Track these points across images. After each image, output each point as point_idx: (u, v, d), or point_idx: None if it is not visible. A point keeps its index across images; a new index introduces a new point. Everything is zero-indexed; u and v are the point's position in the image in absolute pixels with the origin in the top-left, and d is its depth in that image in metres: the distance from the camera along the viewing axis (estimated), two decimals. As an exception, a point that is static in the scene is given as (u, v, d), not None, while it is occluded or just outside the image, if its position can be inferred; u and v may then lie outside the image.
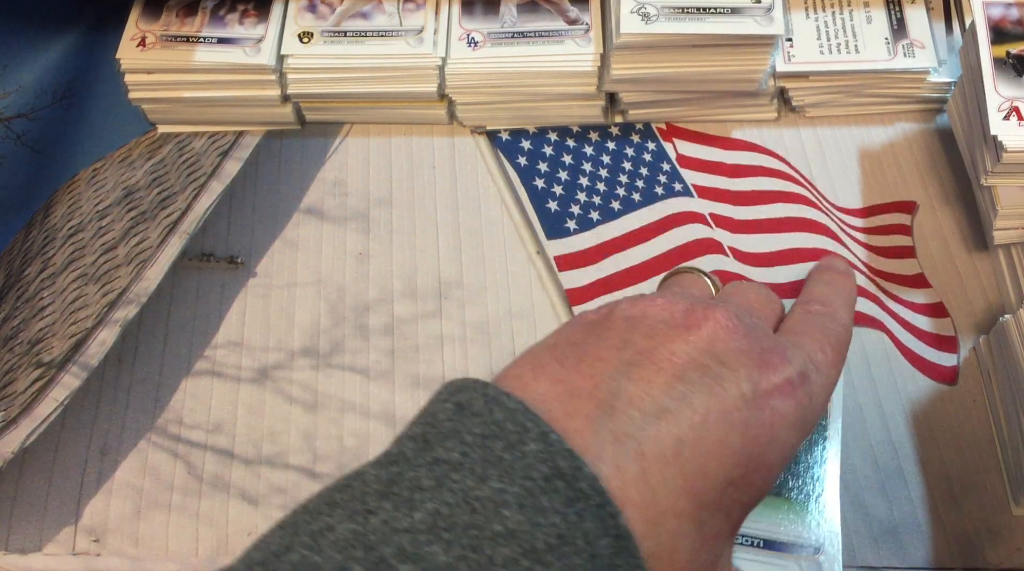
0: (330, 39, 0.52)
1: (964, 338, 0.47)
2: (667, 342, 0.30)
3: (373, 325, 0.48)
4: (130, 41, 0.52)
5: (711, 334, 0.30)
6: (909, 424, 0.44)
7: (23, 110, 0.55)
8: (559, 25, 0.52)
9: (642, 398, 0.28)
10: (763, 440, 0.29)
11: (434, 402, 0.28)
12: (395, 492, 0.25)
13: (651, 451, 0.27)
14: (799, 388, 0.30)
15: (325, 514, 0.25)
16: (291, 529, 0.25)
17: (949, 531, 0.42)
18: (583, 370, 0.29)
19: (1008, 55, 0.46)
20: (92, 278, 0.50)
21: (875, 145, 0.53)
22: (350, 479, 0.26)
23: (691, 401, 0.28)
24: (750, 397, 0.29)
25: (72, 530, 0.43)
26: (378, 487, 0.26)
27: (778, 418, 0.29)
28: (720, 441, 0.28)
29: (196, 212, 0.52)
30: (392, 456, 0.26)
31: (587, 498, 0.25)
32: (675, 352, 0.29)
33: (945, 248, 0.49)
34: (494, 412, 0.26)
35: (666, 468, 0.27)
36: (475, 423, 0.26)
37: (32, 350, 0.47)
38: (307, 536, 0.24)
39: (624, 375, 0.28)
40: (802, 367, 0.31)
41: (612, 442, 0.27)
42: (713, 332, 0.30)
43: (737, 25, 0.48)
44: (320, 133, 0.54)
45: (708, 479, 0.27)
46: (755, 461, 0.29)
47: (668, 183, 0.52)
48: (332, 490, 0.26)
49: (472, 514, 0.24)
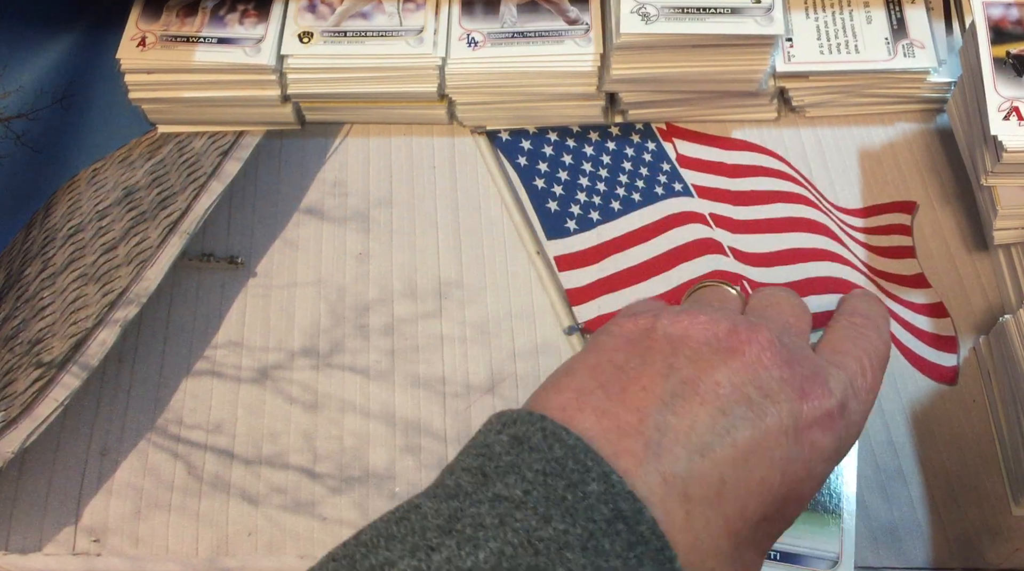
0: (330, 39, 0.52)
1: (964, 338, 0.47)
2: (711, 370, 0.29)
3: (373, 325, 0.48)
4: (130, 41, 0.52)
5: (754, 359, 0.30)
6: (909, 424, 0.44)
7: (23, 110, 0.55)
8: (559, 25, 0.52)
9: (687, 434, 0.27)
10: (801, 475, 0.29)
11: (486, 433, 0.27)
12: (457, 529, 0.25)
13: (696, 494, 0.27)
14: (838, 420, 0.30)
15: (383, 548, 0.24)
16: (346, 563, 0.24)
17: (949, 531, 0.42)
18: (628, 402, 0.28)
19: (1008, 55, 0.46)
20: (92, 278, 0.50)
21: (875, 145, 0.53)
22: (406, 511, 0.25)
23: (734, 437, 0.28)
24: (791, 431, 0.28)
25: (72, 530, 0.43)
26: (439, 522, 0.25)
27: (817, 452, 0.29)
28: (761, 480, 0.28)
29: (196, 212, 0.52)
30: (450, 490, 0.26)
31: (647, 542, 0.25)
32: (720, 382, 0.29)
33: (945, 248, 0.49)
34: (554, 448, 0.26)
35: (709, 510, 0.27)
36: (535, 459, 0.26)
37: (32, 350, 0.47)
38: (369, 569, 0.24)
39: (669, 409, 0.28)
40: (842, 396, 0.30)
41: (660, 483, 0.26)
42: (756, 357, 0.30)
43: (737, 25, 0.48)
44: (320, 133, 0.54)
45: (747, 518, 0.27)
46: (792, 496, 0.29)
47: (668, 183, 0.52)
48: (388, 522, 0.25)
49: (536, 555, 0.24)
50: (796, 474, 0.28)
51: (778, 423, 0.28)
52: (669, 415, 0.28)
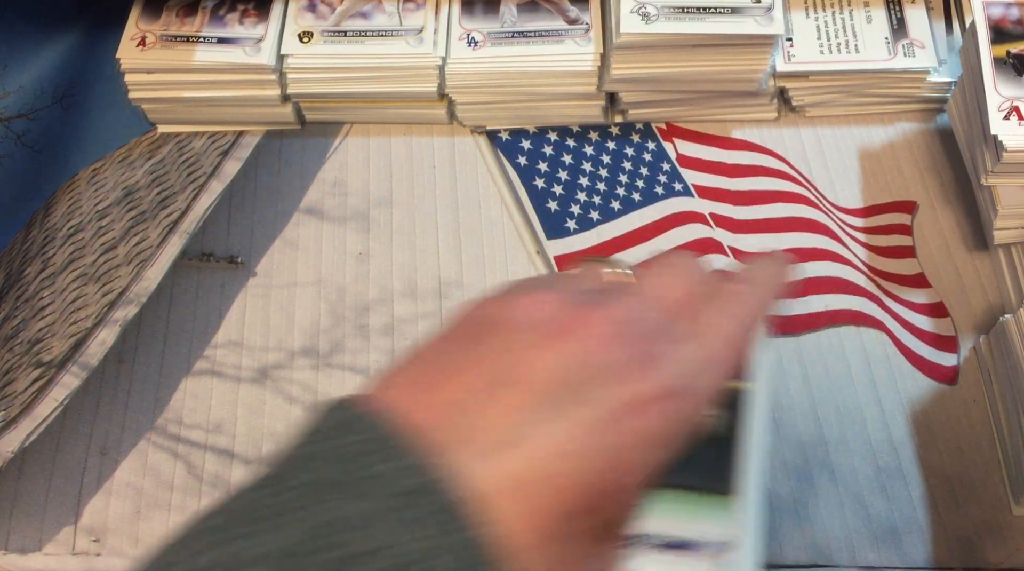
0: (330, 39, 0.52)
1: (964, 338, 0.47)
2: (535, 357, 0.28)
3: (373, 325, 0.48)
4: (130, 41, 0.52)
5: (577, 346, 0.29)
6: (909, 424, 0.44)
7: (23, 110, 0.55)
8: (559, 25, 0.52)
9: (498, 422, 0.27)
10: (619, 468, 0.28)
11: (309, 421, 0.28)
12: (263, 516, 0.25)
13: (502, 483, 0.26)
14: (667, 402, 0.29)
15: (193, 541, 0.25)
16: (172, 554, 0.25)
17: (949, 531, 0.42)
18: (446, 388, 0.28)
19: (1008, 55, 0.46)
20: (92, 278, 0.50)
21: (875, 145, 0.53)
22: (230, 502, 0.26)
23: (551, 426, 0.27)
24: (612, 416, 0.28)
25: (72, 530, 0.43)
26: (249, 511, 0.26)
27: (639, 439, 0.28)
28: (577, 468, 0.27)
29: (196, 212, 0.51)
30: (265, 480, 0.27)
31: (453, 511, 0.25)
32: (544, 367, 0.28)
33: (945, 248, 0.49)
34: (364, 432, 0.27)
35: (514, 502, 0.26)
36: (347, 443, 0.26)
37: (32, 350, 0.47)
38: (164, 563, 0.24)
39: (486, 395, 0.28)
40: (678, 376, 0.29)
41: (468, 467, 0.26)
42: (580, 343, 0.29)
43: (737, 25, 0.48)
44: (320, 133, 0.54)
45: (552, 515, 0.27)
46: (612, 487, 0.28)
47: (668, 183, 0.52)
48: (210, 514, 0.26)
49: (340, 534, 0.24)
50: (613, 465, 0.27)
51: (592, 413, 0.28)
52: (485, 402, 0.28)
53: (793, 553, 0.41)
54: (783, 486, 0.43)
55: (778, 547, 0.41)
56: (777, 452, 0.43)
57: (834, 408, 0.45)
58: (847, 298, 0.48)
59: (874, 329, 0.47)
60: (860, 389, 0.45)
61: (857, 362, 0.46)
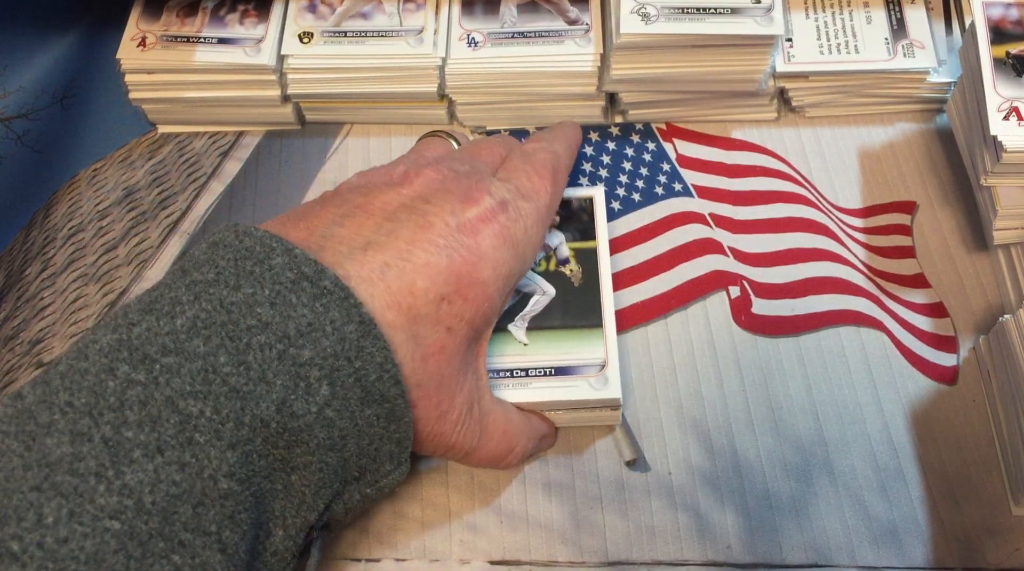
0: (330, 39, 0.52)
1: (964, 338, 0.47)
2: (380, 196, 0.35)
3: (373, 325, 0.48)
4: (130, 41, 0.52)
5: (422, 186, 0.36)
6: (909, 424, 0.44)
7: (23, 110, 0.55)
8: (559, 25, 0.52)
9: (352, 237, 0.33)
10: (471, 260, 0.34)
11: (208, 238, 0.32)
12: (156, 308, 0.29)
13: (355, 273, 0.32)
14: (500, 213, 0.36)
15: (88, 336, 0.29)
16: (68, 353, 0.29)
17: (949, 531, 0.42)
18: (301, 226, 0.34)
19: (1008, 55, 0.46)
20: (92, 278, 0.50)
21: (875, 145, 0.53)
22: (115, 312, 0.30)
23: (397, 234, 0.33)
24: (453, 226, 0.34)
25: (72, 530, 0.43)
26: (140, 307, 0.29)
27: (482, 239, 0.35)
28: (426, 263, 0.33)
29: (196, 212, 0.52)
30: (152, 288, 0.30)
31: (331, 293, 0.30)
32: (387, 202, 0.35)
33: (945, 248, 0.50)
34: (243, 241, 0.31)
35: (372, 286, 0.32)
36: (228, 251, 0.31)
37: (32, 350, 0.47)
38: (74, 350, 0.28)
39: (337, 225, 0.34)
40: (503, 197, 0.37)
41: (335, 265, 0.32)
42: (424, 184, 0.36)
43: (737, 25, 0.48)
44: (320, 133, 0.54)
45: (418, 295, 0.33)
46: (466, 278, 0.34)
47: (668, 183, 0.52)
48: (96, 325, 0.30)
49: (228, 313, 0.29)
50: (465, 259, 0.34)
51: (440, 220, 0.34)
52: (336, 228, 0.34)
53: (792, 553, 0.41)
54: (783, 486, 0.43)
55: (778, 547, 0.41)
56: (777, 452, 0.43)
57: (834, 408, 0.45)
58: (847, 298, 0.48)
59: (874, 329, 0.47)
60: (860, 389, 0.45)
61: (857, 362, 0.46)
